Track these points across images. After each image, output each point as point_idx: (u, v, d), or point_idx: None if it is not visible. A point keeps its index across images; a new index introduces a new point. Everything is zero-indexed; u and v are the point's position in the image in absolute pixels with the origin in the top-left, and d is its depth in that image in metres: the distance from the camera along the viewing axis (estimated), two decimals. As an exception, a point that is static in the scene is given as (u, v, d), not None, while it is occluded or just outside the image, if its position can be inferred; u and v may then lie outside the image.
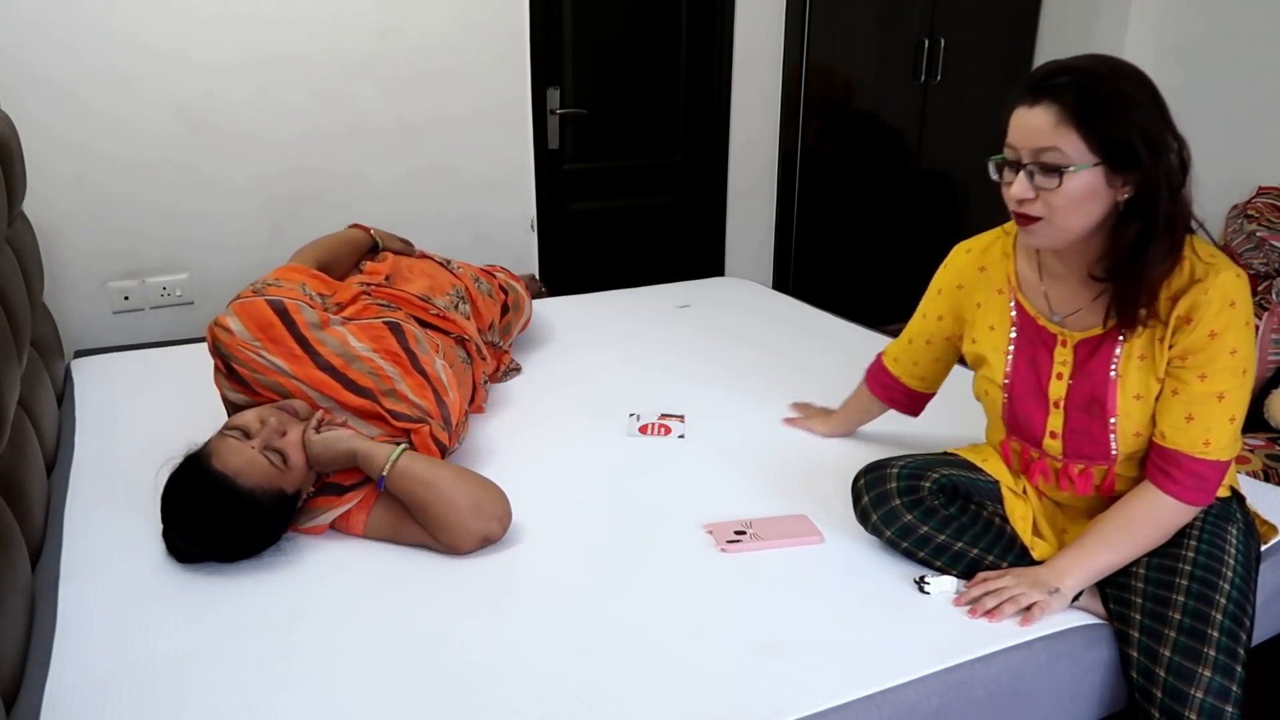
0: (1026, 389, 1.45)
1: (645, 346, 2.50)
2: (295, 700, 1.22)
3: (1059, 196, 1.25)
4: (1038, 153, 1.26)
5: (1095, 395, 1.38)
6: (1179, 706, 1.24)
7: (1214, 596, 1.30)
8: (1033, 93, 1.27)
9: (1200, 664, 1.24)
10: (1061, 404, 1.42)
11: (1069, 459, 1.44)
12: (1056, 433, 1.43)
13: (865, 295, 4.12)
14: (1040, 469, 1.48)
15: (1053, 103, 1.24)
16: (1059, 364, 1.42)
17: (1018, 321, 1.46)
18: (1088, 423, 1.40)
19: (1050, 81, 1.26)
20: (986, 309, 1.51)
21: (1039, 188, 1.27)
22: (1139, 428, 1.37)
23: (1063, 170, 1.24)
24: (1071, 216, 1.27)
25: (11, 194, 1.97)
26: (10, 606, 1.27)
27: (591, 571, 1.51)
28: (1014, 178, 1.29)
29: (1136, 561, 1.38)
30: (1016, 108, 1.30)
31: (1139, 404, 1.36)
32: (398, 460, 1.54)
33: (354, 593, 1.45)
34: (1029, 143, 1.27)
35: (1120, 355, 1.36)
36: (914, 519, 1.44)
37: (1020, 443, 1.50)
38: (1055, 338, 1.42)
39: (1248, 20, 3.47)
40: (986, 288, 1.51)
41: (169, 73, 2.70)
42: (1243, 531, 1.40)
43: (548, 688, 1.24)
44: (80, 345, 2.74)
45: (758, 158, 3.74)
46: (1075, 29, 4.04)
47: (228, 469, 1.47)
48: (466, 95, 3.10)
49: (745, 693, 1.23)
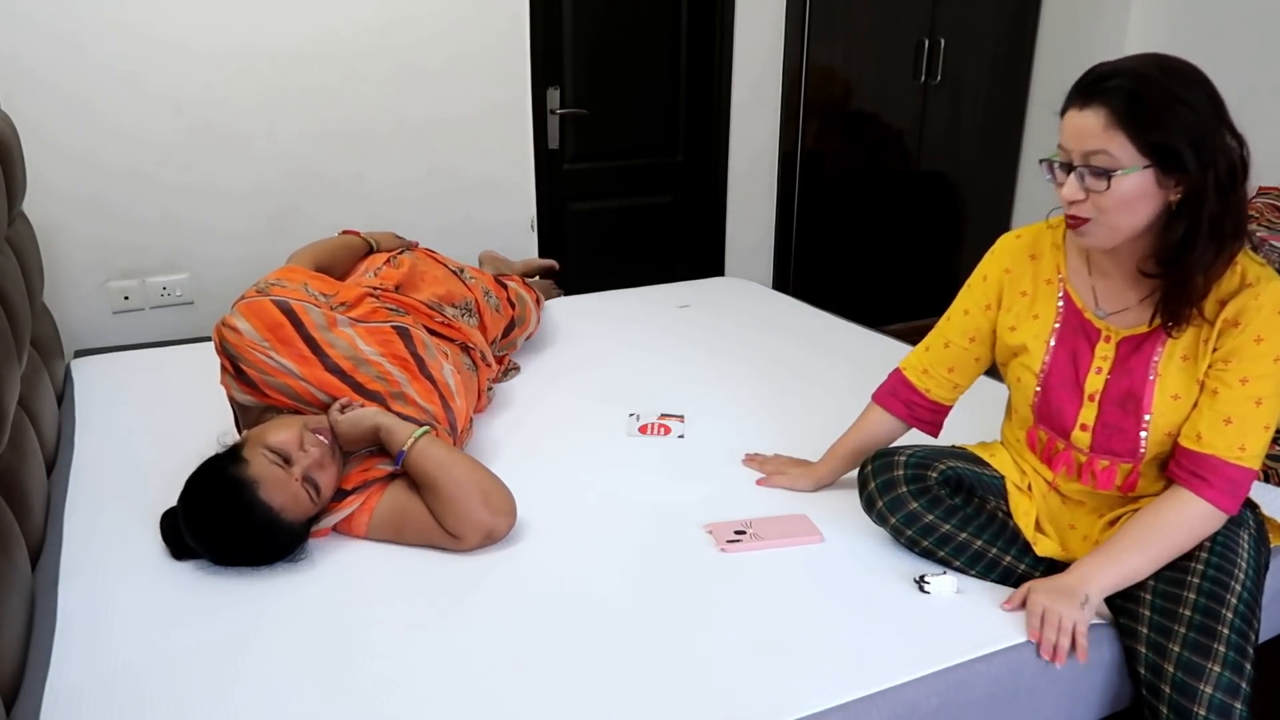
0: (1062, 379, 1.45)
1: (645, 347, 2.50)
2: (295, 700, 1.22)
3: (1108, 198, 1.26)
4: (1087, 155, 1.26)
5: (1133, 391, 1.38)
6: (1188, 702, 1.24)
7: (1226, 596, 1.30)
8: (1084, 95, 1.27)
9: (1210, 660, 1.24)
10: (1097, 398, 1.41)
11: (1095, 453, 1.43)
12: (1088, 425, 1.42)
13: (865, 295, 4.12)
14: (1064, 460, 1.47)
15: (1103, 106, 1.25)
16: (1099, 359, 1.41)
17: (1063, 313, 1.46)
18: (1121, 417, 1.39)
19: (1102, 84, 1.26)
20: (1033, 297, 1.50)
21: (1089, 189, 1.27)
22: (1171, 428, 1.37)
23: (1111, 173, 1.24)
24: (1120, 217, 1.28)
25: (11, 194, 1.97)
26: (10, 606, 1.27)
27: (591, 571, 1.51)
28: (1065, 178, 1.29)
29: None
30: (1069, 109, 1.30)
31: (1175, 404, 1.36)
32: (419, 440, 1.57)
33: (354, 592, 1.45)
34: (1079, 145, 1.27)
35: (1162, 354, 1.37)
36: (919, 507, 1.45)
37: (1047, 432, 1.49)
38: (1099, 332, 1.42)
39: (1248, 20, 3.47)
40: (1035, 276, 1.50)
41: (168, 73, 2.70)
42: (1254, 538, 1.40)
43: (547, 687, 1.24)
44: (80, 345, 2.74)
45: (758, 158, 3.74)
46: (1075, 29, 4.04)
47: (273, 503, 1.46)
48: (467, 95, 3.10)
49: (745, 693, 1.23)
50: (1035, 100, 4.19)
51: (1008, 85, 4.15)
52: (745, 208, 3.78)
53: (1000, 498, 1.50)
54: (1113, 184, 1.24)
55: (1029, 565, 1.46)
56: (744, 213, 3.79)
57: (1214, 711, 1.22)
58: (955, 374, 1.62)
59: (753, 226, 3.83)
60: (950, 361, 1.61)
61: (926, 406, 1.65)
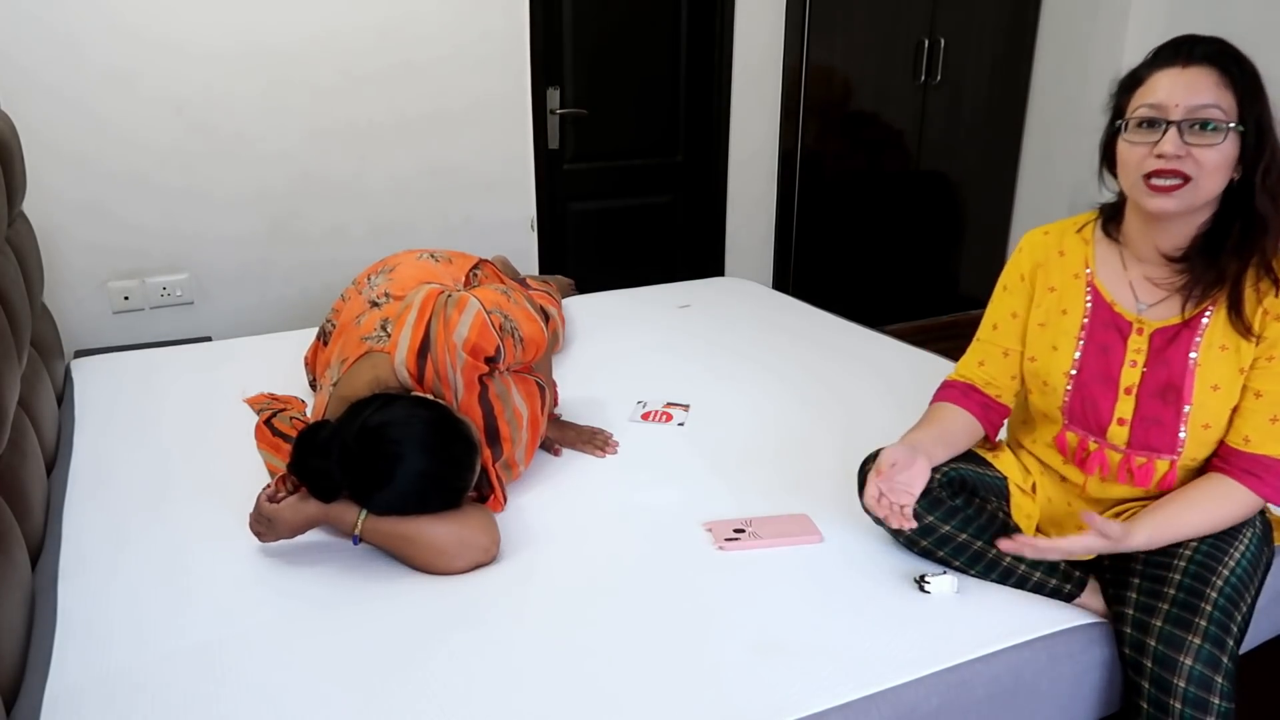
0: (1094, 374, 1.44)
1: (645, 346, 2.50)
2: (296, 700, 1.22)
3: (1215, 154, 1.26)
4: (1195, 109, 1.26)
5: (1172, 382, 1.38)
6: (1168, 674, 1.24)
7: (1211, 578, 1.31)
8: (1184, 56, 1.29)
9: (1191, 632, 1.25)
10: (1134, 390, 1.41)
11: (1132, 450, 1.42)
12: (1125, 419, 1.42)
13: (865, 295, 4.12)
14: (1099, 460, 1.46)
15: (1212, 66, 1.27)
16: (1133, 351, 1.41)
17: (1092, 307, 1.46)
18: (1160, 409, 1.39)
19: (1203, 48, 1.28)
20: (1061, 293, 1.49)
21: (1190, 144, 1.27)
22: (1209, 419, 1.37)
23: (1228, 126, 1.25)
24: (1214, 179, 1.28)
25: (11, 194, 1.97)
26: (10, 606, 1.27)
27: (589, 569, 1.51)
28: (1158, 136, 1.28)
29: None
30: (1163, 69, 1.30)
31: (1215, 395, 1.36)
32: (366, 519, 1.49)
33: (353, 592, 1.45)
34: (1188, 99, 1.26)
35: (1200, 343, 1.37)
36: (919, 508, 1.44)
37: (1080, 432, 1.47)
38: (1131, 325, 1.42)
39: (1247, 21, 3.47)
40: (1063, 271, 1.50)
41: (168, 73, 2.70)
42: (1258, 536, 1.40)
43: (545, 687, 1.24)
44: (80, 345, 2.75)
45: (758, 158, 3.74)
46: (1075, 29, 4.04)
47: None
48: (466, 95, 3.10)
49: (745, 693, 1.23)
50: (1035, 100, 4.19)
51: (1008, 85, 4.15)
52: (745, 208, 3.79)
53: (1002, 498, 1.50)
54: (1227, 137, 1.25)
55: (1029, 565, 1.46)
56: (744, 213, 3.79)
57: (1193, 684, 1.23)
58: (1017, 379, 1.56)
59: (753, 226, 3.83)
60: (1013, 370, 1.55)
61: (998, 410, 1.57)
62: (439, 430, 1.49)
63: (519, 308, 1.77)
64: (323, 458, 1.44)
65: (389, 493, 1.45)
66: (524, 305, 1.78)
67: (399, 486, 1.45)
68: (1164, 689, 1.25)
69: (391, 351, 1.64)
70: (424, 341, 1.62)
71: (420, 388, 1.63)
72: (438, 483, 1.49)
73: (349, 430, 1.46)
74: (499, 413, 1.66)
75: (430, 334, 1.62)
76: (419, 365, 1.61)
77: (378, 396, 1.53)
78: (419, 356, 1.61)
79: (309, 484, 1.46)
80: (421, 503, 1.47)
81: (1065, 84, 4.06)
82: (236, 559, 1.52)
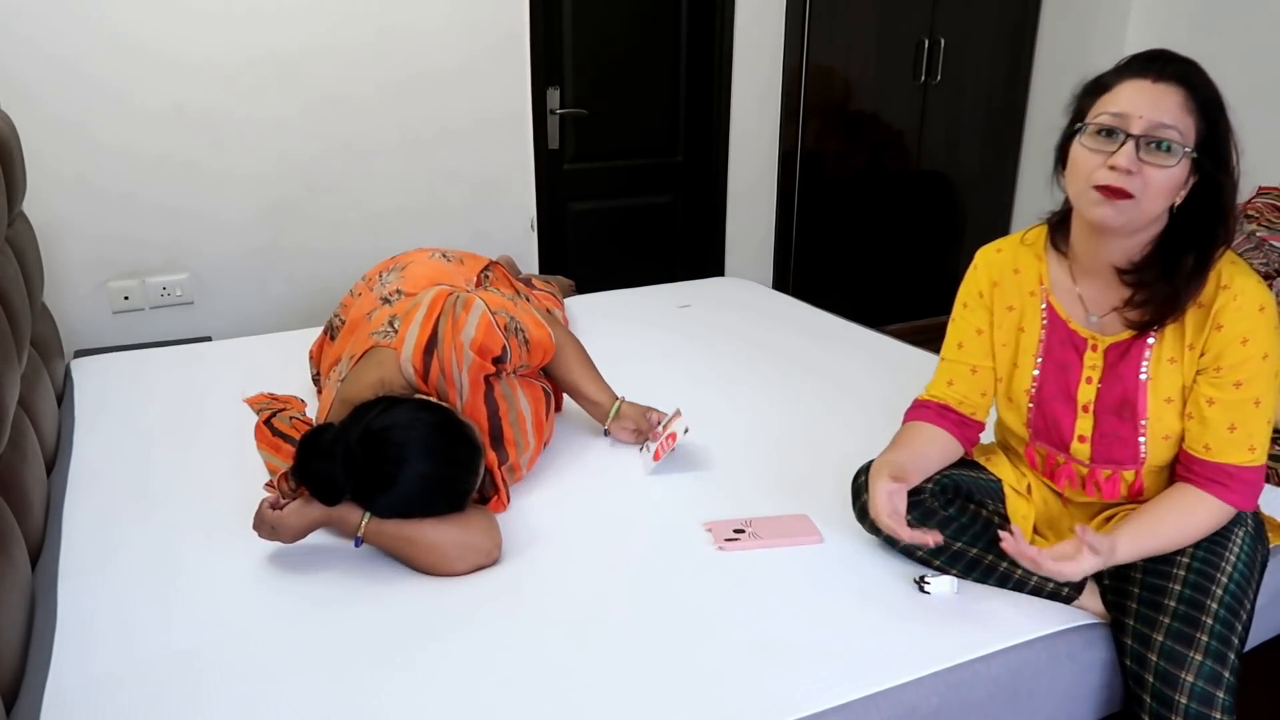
0: (1054, 392, 1.44)
1: (645, 346, 2.50)
2: (296, 700, 1.22)
3: (1164, 176, 1.23)
4: (1156, 127, 1.23)
5: (1126, 397, 1.38)
6: (1169, 690, 1.24)
7: (1211, 588, 1.30)
8: (1155, 71, 1.25)
9: (1192, 648, 1.25)
10: (1091, 407, 1.41)
11: (1096, 464, 1.42)
12: (1085, 436, 1.42)
13: (865, 295, 4.12)
14: (1067, 474, 1.47)
15: (1180, 86, 1.24)
16: (1088, 368, 1.41)
17: (1048, 324, 1.45)
18: (1118, 425, 1.39)
19: (1175, 68, 1.25)
20: (1019, 310, 1.48)
21: (1144, 160, 1.24)
22: (1168, 431, 1.37)
23: (1185, 149, 1.23)
24: (1159, 200, 1.26)
25: (11, 194, 1.97)
26: (10, 606, 1.27)
27: (590, 569, 1.51)
28: (1116, 147, 1.25)
29: None
30: (1131, 80, 1.26)
31: (1169, 407, 1.36)
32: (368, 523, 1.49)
33: (352, 592, 1.45)
34: (1151, 114, 1.23)
35: (1150, 358, 1.36)
36: (912, 519, 1.44)
37: (1045, 448, 1.48)
38: (1086, 341, 1.41)
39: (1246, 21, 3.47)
40: (1019, 289, 1.48)
41: (169, 73, 2.70)
42: (1250, 535, 1.40)
43: (545, 686, 1.24)
44: (80, 345, 2.75)
45: (758, 158, 3.74)
46: (1075, 29, 4.04)
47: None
48: (466, 95, 3.10)
49: (745, 693, 1.23)
50: (1035, 100, 4.19)
51: (1008, 85, 4.15)
52: (745, 208, 3.78)
53: (998, 501, 1.50)
54: (1180, 162, 1.23)
55: (1025, 569, 1.45)
56: (744, 213, 3.79)
57: (1195, 700, 1.22)
58: (988, 395, 1.56)
59: (753, 226, 3.83)
60: (983, 386, 1.53)
61: (974, 426, 1.56)
62: (443, 433, 1.50)
63: (526, 313, 1.78)
64: (327, 461, 1.44)
65: (393, 496, 1.45)
66: (531, 311, 1.80)
67: (403, 490, 1.45)
68: (1166, 705, 1.24)
69: (398, 347, 1.65)
70: (431, 339, 1.63)
71: (424, 385, 1.63)
72: (441, 486, 1.49)
73: (353, 433, 1.46)
74: (503, 413, 1.67)
75: (438, 332, 1.63)
76: (425, 362, 1.62)
77: (382, 399, 1.53)
78: (425, 353, 1.62)
79: (313, 487, 1.46)
80: (425, 506, 1.48)
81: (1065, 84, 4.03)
82: (237, 558, 1.52)
